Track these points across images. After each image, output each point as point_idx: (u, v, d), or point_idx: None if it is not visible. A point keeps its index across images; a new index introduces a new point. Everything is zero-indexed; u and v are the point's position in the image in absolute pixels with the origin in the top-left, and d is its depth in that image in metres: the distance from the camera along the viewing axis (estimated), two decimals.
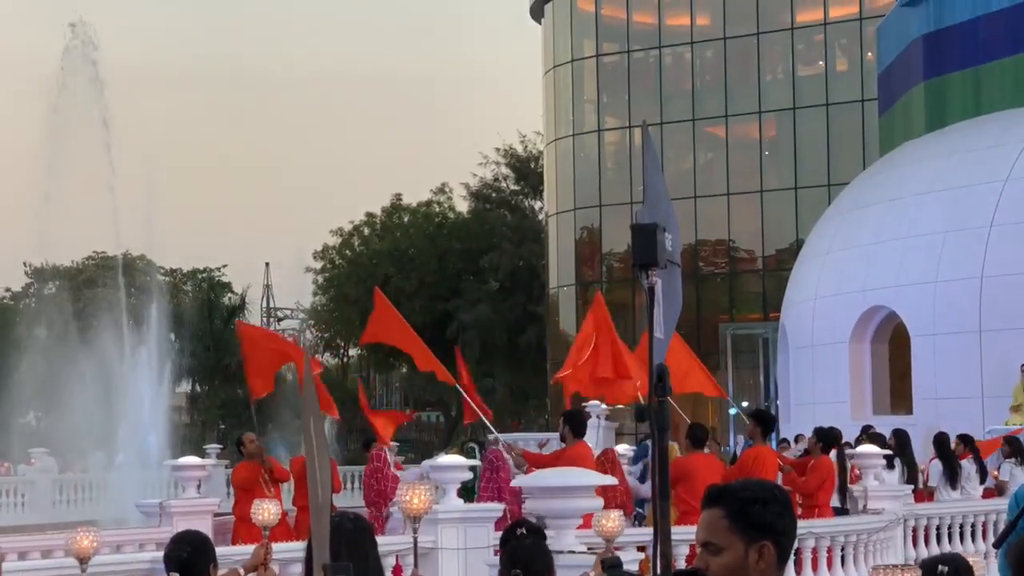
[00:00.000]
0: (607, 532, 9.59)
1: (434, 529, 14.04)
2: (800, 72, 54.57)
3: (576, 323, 57.21)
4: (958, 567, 6.05)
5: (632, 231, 3.60)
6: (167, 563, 7.66)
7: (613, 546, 9.73)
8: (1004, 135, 32.87)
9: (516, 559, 6.85)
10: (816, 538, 15.53)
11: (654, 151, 4.03)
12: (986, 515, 19.33)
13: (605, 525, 9.60)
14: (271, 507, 9.88)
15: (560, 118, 59.17)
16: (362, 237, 71.37)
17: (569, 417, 16.58)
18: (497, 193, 69.35)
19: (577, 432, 16.32)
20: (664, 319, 3.75)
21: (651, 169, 3.92)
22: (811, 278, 36.19)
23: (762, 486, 4.31)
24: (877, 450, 19.63)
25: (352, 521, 6.17)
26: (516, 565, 6.81)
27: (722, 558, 4.19)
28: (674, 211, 3.96)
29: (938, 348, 31.42)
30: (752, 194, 54.07)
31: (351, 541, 5.91)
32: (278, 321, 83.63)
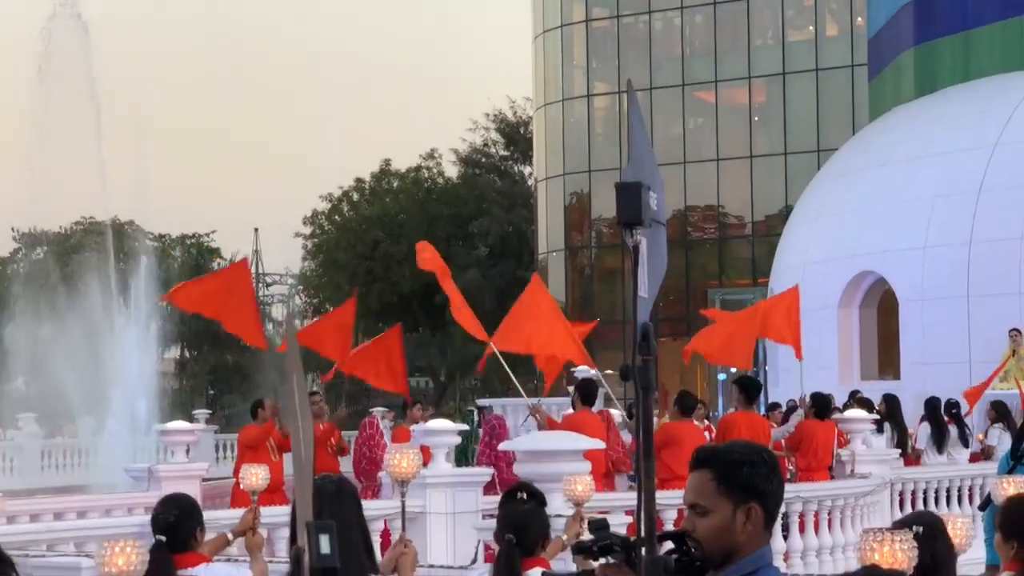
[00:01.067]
0: (577, 496, 9.57)
1: (422, 493, 14.08)
2: (790, 37, 54.47)
3: (565, 289, 57.31)
4: (932, 525, 6.09)
5: (616, 189, 3.59)
6: (154, 526, 7.65)
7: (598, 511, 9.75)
8: (994, 100, 32.86)
9: (510, 523, 6.84)
10: (804, 502, 15.59)
11: (639, 110, 4.01)
12: (972, 479, 19.42)
13: (575, 489, 9.59)
14: (259, 472, 9.89)
15: (549, 83, 59.04)
16: (351, 203, 71.26)
17: (580, 386, 17.04)
18: (487, 158, 69.29)
19: (585, 400, 16.59)
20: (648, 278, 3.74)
21: (636, 128, 3.91)
22: (800, 243, 36.20)
23: (750, 448, 4.32)
24: (865, 415, 19.70)
25: (334, 483, 6.16)
26: (509, 529, 6.80)
27: (709, 520, 4.19)
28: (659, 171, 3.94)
29: (926, 313, 31.46)
30: (741, 159, 54.04)
31: (332, 503, 5.90)
32: (267, 287, 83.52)
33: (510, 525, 6.82)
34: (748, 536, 4.19)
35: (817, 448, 17.97)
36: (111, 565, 6.99)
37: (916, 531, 5.88)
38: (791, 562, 15.36)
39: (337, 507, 5.85)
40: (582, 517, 9.18)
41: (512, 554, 6.72)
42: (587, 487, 9.62)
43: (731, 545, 4.18)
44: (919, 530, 5.93)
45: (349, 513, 6.02)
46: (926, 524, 6.06)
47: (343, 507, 5.98)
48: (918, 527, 5.95)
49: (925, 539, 5.93)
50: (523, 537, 6.76)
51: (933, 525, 6.10)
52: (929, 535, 5.99)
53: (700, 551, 4.16)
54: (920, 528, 5.96)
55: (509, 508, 6.91)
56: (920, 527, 5.96)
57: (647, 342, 3.65)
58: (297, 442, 4.10)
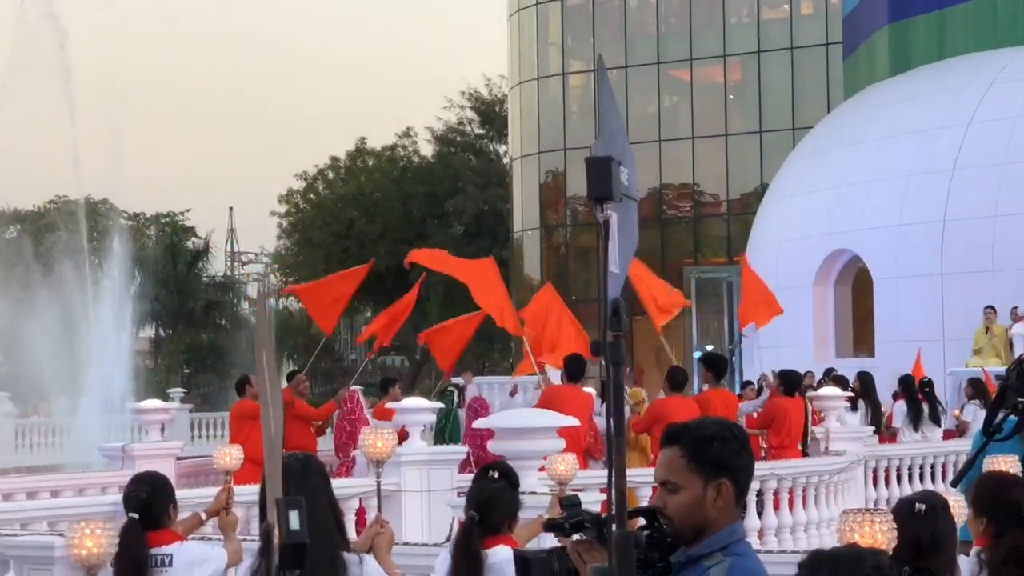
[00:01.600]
0: (560, 475, 9.58)
1: (397, 471, 14.08)
2: (765, 16, 54.44)
3: (540, 267, 57.30)
4: (935, 504, 6.11)
5: (587, 164, 3.57)
6: (126, 504, 7.63)
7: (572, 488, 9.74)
8: (967, 79, 32.93)
9: (475, 500, 6.82)
10: (779, 479, 15.64)
11: (609, 86, 3.99)
12: (946, 456, 19.48)
13: (558, 468, 9.60)
14: (233, 451, 9.88)
15: (525, 61, 58.94)
16: (326, 181, 71.13)
17: (567, 362, 17.13)
18: (462, 137, 69.18)
19: (572, 377, 16.60)
20: (619, 254, 3.72)
21: (607, 103, 3.88)
22: (775, 222, 36.26)
23: (720, 424, 4.32)
24: (839, 392, 19.76)
25: (300, 461, 6.13)
26: (474, 506, 6.78)
27: (680, 496, 4.20)
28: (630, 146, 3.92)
29: (901, 291, 31.55)
30: (717, 138, 54.03)
31: (299, 481, 5.87)
32: (242, 265, 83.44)
33: (476, 502, 6.81)
34: (719, 512, 4.19)
35: (790, 426, 18.02)
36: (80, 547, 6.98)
37: (918, 509, 5.91)
38: (766, 539, 15.41)
39: (304, 484, 5.82)
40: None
41: (471, 531, 6.70)
42: (570, 466, 9.62)
43: (702, 521, 4.18)
44: (921, 508, 5.96)
45: (317, 490, 5.99)
46: (928, 503, 6.08)
47: (310, 484, 5.95)
48: (920, 505, 5.98)
49: (925, 517, 5.96)
50: (487, 515, 6.74)
51: (935, 504, 6.12)
52: (930, 514, 6.01)
53: (671, 527, 4.16)
54: (923, 507, 5.99)
55: (477, 486, 6.89)
56: (923, 505, 5.99)
57: (618, 317, 3.63)
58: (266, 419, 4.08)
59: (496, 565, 6.57)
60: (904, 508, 6.05)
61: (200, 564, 7.68)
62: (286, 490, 4.73)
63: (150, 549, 7.48)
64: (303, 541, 4.21)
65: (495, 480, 6.84)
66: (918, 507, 5.99)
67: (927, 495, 6.33)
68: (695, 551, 4.17)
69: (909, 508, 6.01)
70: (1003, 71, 32.28)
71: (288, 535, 4.20)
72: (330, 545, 5.97)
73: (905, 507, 6.06)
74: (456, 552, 6.73)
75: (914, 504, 6.04)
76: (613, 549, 3.66)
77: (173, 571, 7.52)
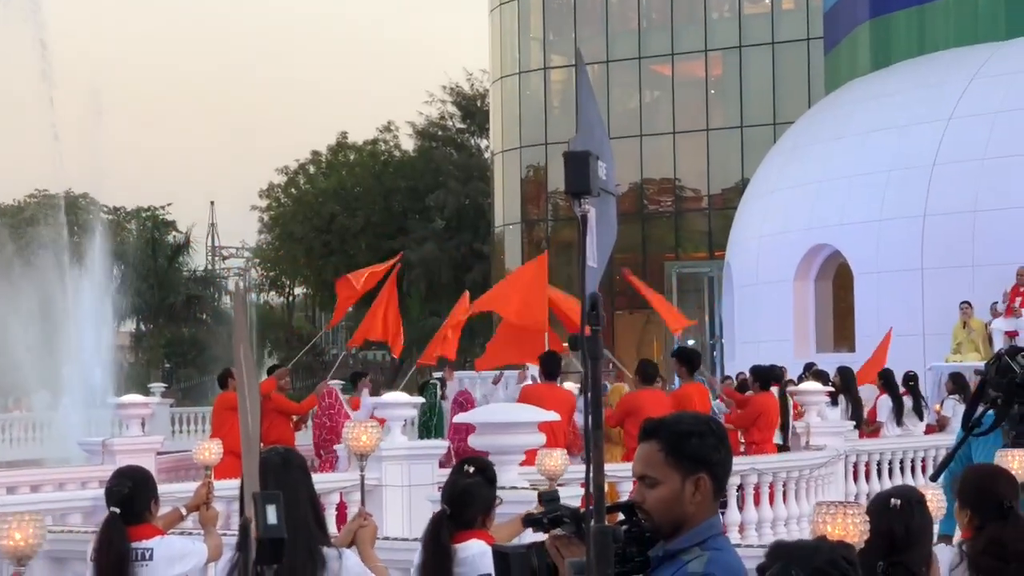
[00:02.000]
0: (549, 471, 9.54)
1: (378, 466, 14.08)
2: (746, 10, 54.47)
3: (521, 261, 57.25)
4: (910, 499, 6.13)
5: (564, 158, 3.57)
6: (108, 498, 7.61)
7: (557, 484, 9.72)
8: (948, 74, 32.98)
9: (448, 494, 6.82)
10: (759, 474, 15.65)
11: (588, 79, 3.99)
12: (926, 451, 19.53)
13: (547, 464, 9.56)
14: (212, 446, 9.86)
15: (506, 56, 58.90)
16: (307, 175, 71.10)
17: (543, 359, 17.06)
18: (443, 131, 69.16)
19: (549, 375, 16.56)
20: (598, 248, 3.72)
21: (585, 97, 3.88)
22: (756, 217, 36.29)
23: (697, 419, 4.32)
24: (820, 387, 19.79)
25: (280, 455, 6.12)
26: (446, 500, 6.78)
27: (658, 491, 4.20)
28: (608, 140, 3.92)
29: (881, 286, 31.60)
30: (698, 132, 54.05)
31: (279, 475, 5.86)
32: (223, 260, 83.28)
33: (449, 496, 6.80)
34: (697, 506, 4.19)
35: (767, 421, 18.06)
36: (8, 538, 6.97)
37: (894, 504, 5.93)
38: (746, 533, 15.42)
39: (284, 479, 5.81)
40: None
41: (441, 525, 6.69)
42: (559, 462, 9.58)
43: (680, 516, 4.18)
44: (896, 503, 5.98)
45: (297, 485, 5.98)
46: (903, 498, 6.11)
47: (290, 479, 5.94)
48: (896, 500, 6.01)
49: (900, 512, 5.98)
50: (461, 510, 6.73)
51: (911, 499, 6.15)
52: (905, 509, 6.04)
53: (650, 522, 4.17)
54: (898, 502, 6.01)
55: (452, 480, 6.89)
56: (898, 500, 6.01)
57: (596, 312, 3.63)
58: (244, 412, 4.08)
59: (468, 559, 6.56)
60: (879, 503, 6.08)
61: (181, 559, 7.67)
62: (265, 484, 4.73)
63: (131, 543, 7.47)
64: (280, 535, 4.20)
65: (470, 475, 6.83)
66: (893, 502, 6.01)
67: (903, 490, 6.35)
68: (673, 546, 4.18)
69: (884, 503, 6.03)
70: (983, 67, 32.35)
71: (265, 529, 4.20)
72: (309, 539, 5.96)
73: (880, 502, 6.09)
74: (425, 545, 6.73)
75: (889, 499, 6.07)
76: (591, 543, 3.67)
77: (153, 565, 7.51)
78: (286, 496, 5.48)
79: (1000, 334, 27.40)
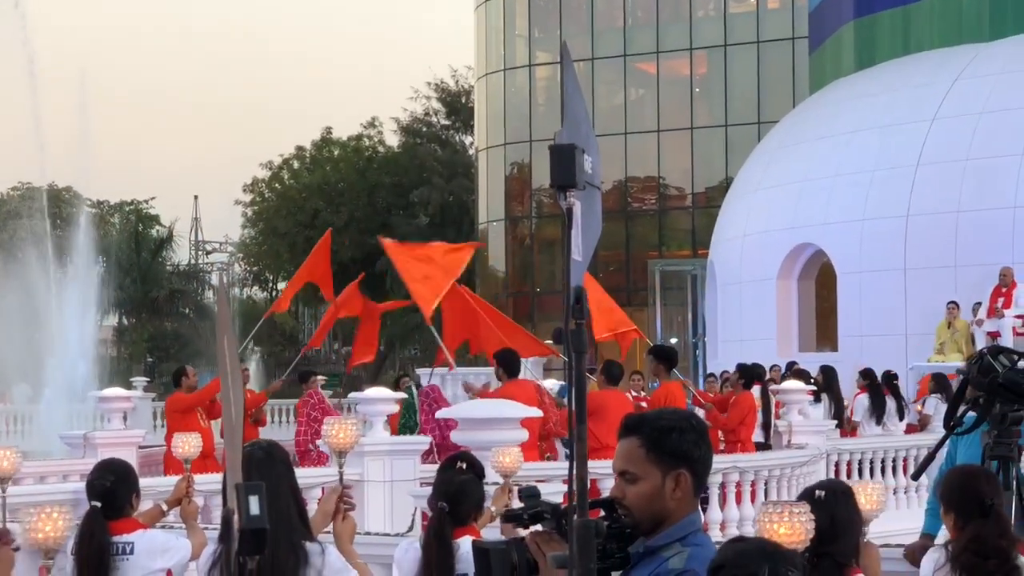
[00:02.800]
0: (505, 468, 9.43)
1: (360, 461, 14.08)
2: (732, 9, 54.53)
3: (506, 259, 57.31)
4: (836, 491, 6.20)
5: (550, 151, 3.57)
6: (89, 492, 7.59)
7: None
8: (932, 75, 33.03)
9: (445, 492, 6.83)
10: (740, 472, 15.68)
11: (574, 73, 3.98)
12: (907, 450, 19.58)
13: (503, 461, 9.44)
14: (191, 440, 9.82)
15: (491, 53, 58.90)
16: (292, 171, 71.01)
17: (501, 358, 16.85)
18: (428, 128, 69.12)
19: (509, 371, 16.50)
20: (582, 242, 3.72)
21: (570, 91, 3.88)
22: (740, 215, 36.31)
23: (678, 415, 4.32)
24: (802, 386, 19.84)
25: (263, 449, 6.11)
26: (443, 498, 6.79)
27: (639, 487, 4.20)
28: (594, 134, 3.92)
29: (864, 286, 31.64)
30: (682, 131, 54.10)
31: (262, 469, 5.85)
32: (207, 254, 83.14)
33: (445, 494, 6.81)
34: (678, 502, 4.19)
35: (753, 418, 18.12)
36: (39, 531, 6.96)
37: (818, 496, 5.99)
38: (728, 531, 15.45)
39: (267, 473, 5.80)
40: (510, 488, 9.13)
41: (444, 522, 6.71)
42: (515, 459, 9.52)
43: (661, 512, 4.18)
44: (821, 494, 6.04)
45: (280, 479, 5.97)
46: (827, 490, 6.17)
47: (274, 472, 5.94)
48: (820, 492, 6.06)
49: (824, 504, 6.02)
50: (457, 507, 6.76)
51: (836, 491, 6.21)
52: (830, 500, 6.09)
53: (630, 518, 4.17)
54: (822, 493, 6.06)
55: (445, 477, 6.90)
56: (822, 492, 6.07)
57: (580, 306, 3.63)
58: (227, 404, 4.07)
59: (464, 555, 6.57)
60: (804, 496, 6.12)
61: (162, 553, 7.64)
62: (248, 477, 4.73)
63: (112, 537, 7.45)
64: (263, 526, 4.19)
65: (463, 471, 6.85)
66: (818, 494, 6.06)
67: (829, 482, 6.42)
68: (654, 542, 4.18)
69: (809, 495, 6.08)
70: (967, 67, 32.40)
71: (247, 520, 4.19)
72: (291, 534, 5.95)
73: (805, 495, 6.14)
74: (428, 543, 6.73)
75: (814, 492, 6.12)
76: (574, 537, 3.67)
77: (134, 559, 7.49)
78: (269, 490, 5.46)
79: (982, 334, 27.47)
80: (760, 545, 3.87)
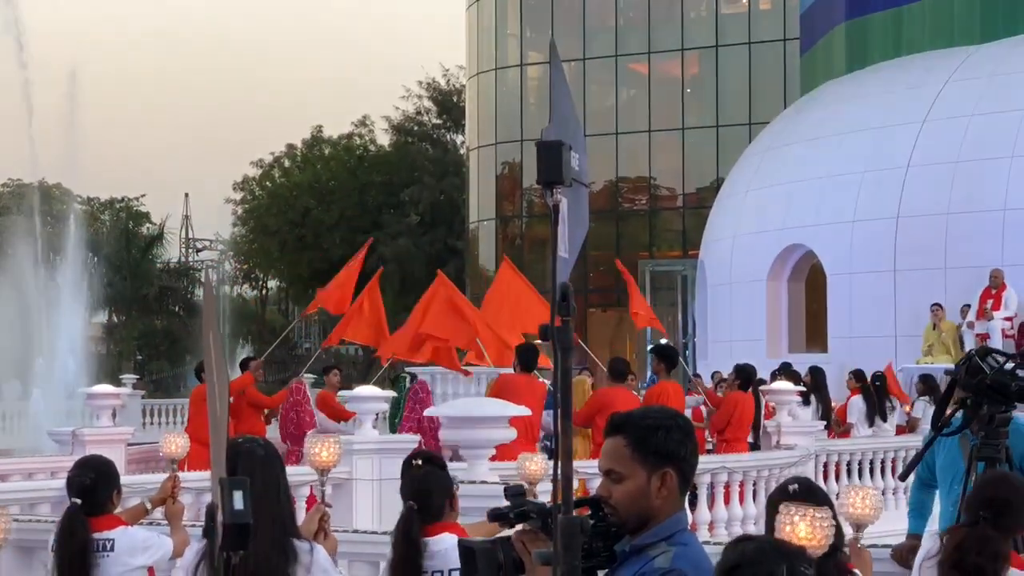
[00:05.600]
0: (530, 475, 9.29)
1: (349, 460, 14.07)
2: (723, 10, 54.54)
3: (495, 258, 57.27)
4: (809, 486, 6.16)
5: (537, 148, 3.56)
6: (69, 488, 7.56)
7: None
8: (923, 77, 33.06)
9: (410, 490, 6.80)
10: (729, 472, 15.68)
11: (562, 70, 3.98)
12: (896, 451, 19.59)
13: (528, 467, 9.31)
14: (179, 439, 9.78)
15: (483, 52, 58.87)
16: (282, 169, 70.98)
17: (518, 350, 17.09)
18: (419, 127, 69.09)
19: (525, 367, 16.54)
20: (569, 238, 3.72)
21: (558, 88, 3.87)
22: (730, 216, 36.33)
23: (664, 413, 4.32)
24: (791, 386, 19.86)
25: (262, 447, 6.10)
26: (410, 496, 6.77)
27: (625, 486, 4.20)
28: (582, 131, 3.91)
29: (854, 287, 31.67)
30: (673, 131, 54.10)
31: (263, 468, 5.85)
32: (197, 252, 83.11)
33: (410, 492, 6.78)
34: (663, 501, 4.19)
35: (740, 419, 18.10)
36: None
37: (792, 489, 5.91)
38: (716, 531, 15.45)
39: (268, 472, 5.80)
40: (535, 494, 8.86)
41: (411, 520, 6.67)
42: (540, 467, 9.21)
43: (647, 510, 4.18)
44: (794, 488, 5.95)
45: (278, 477, 5.97)
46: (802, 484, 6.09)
47: (273, 471, 5.93)
48: (793, 485, 5.97)
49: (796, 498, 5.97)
50: (426, 501, 6.72)
51: (809, 485, 6.15)
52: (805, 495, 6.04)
53: (616, 517, 4.17)
54: (795, 486, 5.98)
55: (406, 478, 6.86)
56: (795, 485, 5.99)
57: (566, 302, 3.63)
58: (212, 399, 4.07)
59: (441, 552, 6.54)
60: (781, 491, 6.04)
61: (143, 550, 7.62)
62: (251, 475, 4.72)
63: (93, 534, 7.43)
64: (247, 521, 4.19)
65: (420, 467, 6.82)
66: (791, 488, 5.99)
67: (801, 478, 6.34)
68: (640, 541, 4.18)
69: (784, 490, 6.00)
70: (958, 69, 32.43)
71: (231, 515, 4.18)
72: (285, 532, 5.94)
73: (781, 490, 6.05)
74: (396, 542, 6.71)
75: (788, 487, 6.05)
76: (559, 534, 3.66)
77: (115, 556, 7.46)
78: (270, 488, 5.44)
79: (971, 336, 27.51)
80: (774, 543, 3.88)
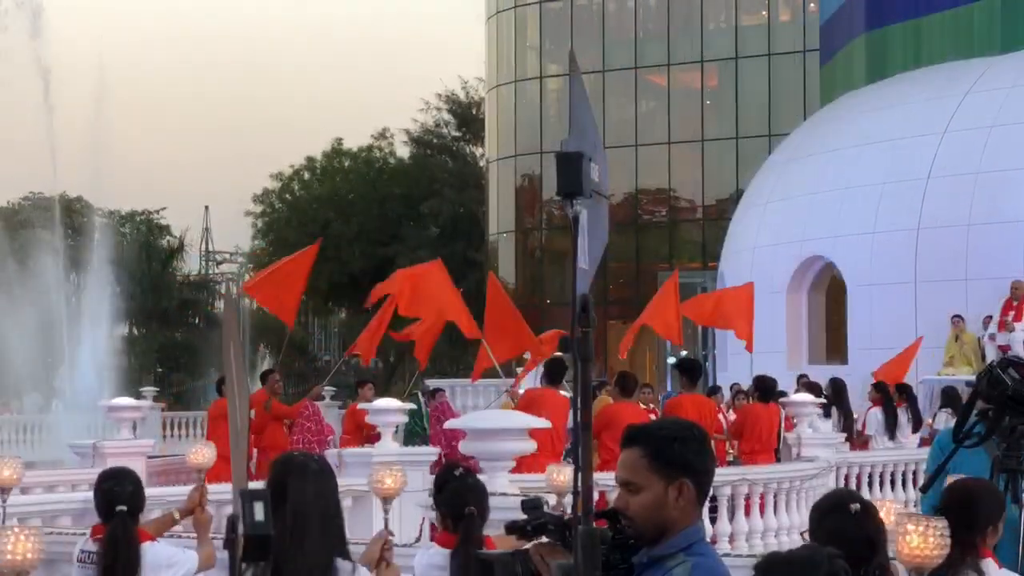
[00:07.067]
0: (558, 486, 9.26)
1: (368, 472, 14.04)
2: (743, 22, 54.53)
3: (515, 270, 57.27)
4: (867, 507, 6.02)
5: (557, 159, 3.56)
6: (111, 498, 7.46)
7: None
8: (943, 88, 32.99)
9: (466, 498, 6.79)
10: (750, 484, 15.65)
11: (581, 82, 3.98)
12: (916, 463, 19.50)
13: (557, 478, 9.28)
14: (206, 449, 9.81)
15: (502, 64, 58.93)
16: (302, 181, 71.05)
17: (548, 363, 17.36)
18: (438, 139, 69.13)
19: (552, 379, 16.58)
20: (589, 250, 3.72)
21: (577, 99, 3.88)
22: (750, 228, 36.28)
23: (680, 425, 4.32)
24: (812, 398, 19.81)
25: (317, 462, 5.95)
26: (469, 503, 6.76)
27: (641, 497, 4.20)
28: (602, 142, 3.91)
29: (874, 299, 31.59)
30: (693, 143, 54.09)
31: (319, 482, 5.71)
32: (217, 265, 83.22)
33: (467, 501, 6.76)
34: (680, 512, 4.19)
35: (761, 431, 18.07)
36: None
37: (854, 509, 5.81)
38: (736, 543, 15.41)
39: (320, 486, 5.68)
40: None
41: (473, 526, 6.67)
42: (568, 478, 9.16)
43: (664, 521, 4.18)
44: (856, 507, 5.85)
45: (331, 494, 5.82)
46: (863, 501, 5.97)
47: (326, 486, 5.78)
48: (855, 504, 5.85)
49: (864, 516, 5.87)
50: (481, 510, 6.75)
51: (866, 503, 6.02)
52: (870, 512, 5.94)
53: (633, 528, 4.16)
54: (857, 504, 5.87)
55: (455, 485, 6.85)
56: (857, 503, 5.87)
57: (586, 314, 3.63)
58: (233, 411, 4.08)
59: None
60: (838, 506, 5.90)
61: (168, 567, 7.57)
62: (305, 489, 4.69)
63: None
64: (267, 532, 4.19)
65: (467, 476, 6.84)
66: (853, 508, 5.85)
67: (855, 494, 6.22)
68: (657, 552, 4.18)
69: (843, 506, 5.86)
70: (978, 81, 32.37)
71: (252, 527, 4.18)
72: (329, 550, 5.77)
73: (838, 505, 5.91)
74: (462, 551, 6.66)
75: (848, 504, 5.90)
76: (578, 545, 3.66)
77: (140, 571, 7.43)
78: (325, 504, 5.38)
79: (993, 348, 27.42)
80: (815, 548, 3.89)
